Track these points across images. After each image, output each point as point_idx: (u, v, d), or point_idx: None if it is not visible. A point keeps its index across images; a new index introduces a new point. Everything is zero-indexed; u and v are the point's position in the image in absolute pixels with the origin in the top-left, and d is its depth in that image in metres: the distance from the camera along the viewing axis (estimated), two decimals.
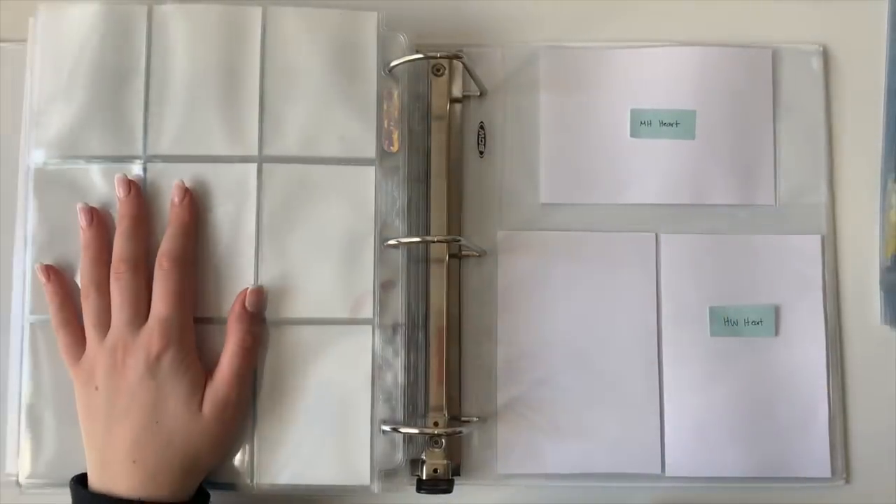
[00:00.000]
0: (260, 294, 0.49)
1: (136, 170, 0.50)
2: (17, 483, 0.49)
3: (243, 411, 0.48)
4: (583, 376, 0.53)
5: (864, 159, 0.55)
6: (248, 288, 0.49)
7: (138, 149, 0.50)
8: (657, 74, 0.55)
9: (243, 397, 0.48)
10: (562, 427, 0.53)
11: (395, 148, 0.52)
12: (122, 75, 0.50)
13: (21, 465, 0.49)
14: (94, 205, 0.49)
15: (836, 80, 0.56)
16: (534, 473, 0.53)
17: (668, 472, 0.52)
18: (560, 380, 0.53)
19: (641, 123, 0.54)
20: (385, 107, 0.52)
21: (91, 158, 0.50)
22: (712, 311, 0.53)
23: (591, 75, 0.55)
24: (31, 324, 0.49)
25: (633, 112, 0.55)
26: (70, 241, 0.49)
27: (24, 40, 0.51)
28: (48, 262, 0.49)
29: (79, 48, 0.50)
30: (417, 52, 0.52)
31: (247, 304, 0.48)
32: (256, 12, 0.51)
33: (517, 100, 0.55)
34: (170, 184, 0.50)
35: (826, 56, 0.56)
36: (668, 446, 0.52)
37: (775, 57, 0.55)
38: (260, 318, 0.49)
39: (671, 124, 0.54)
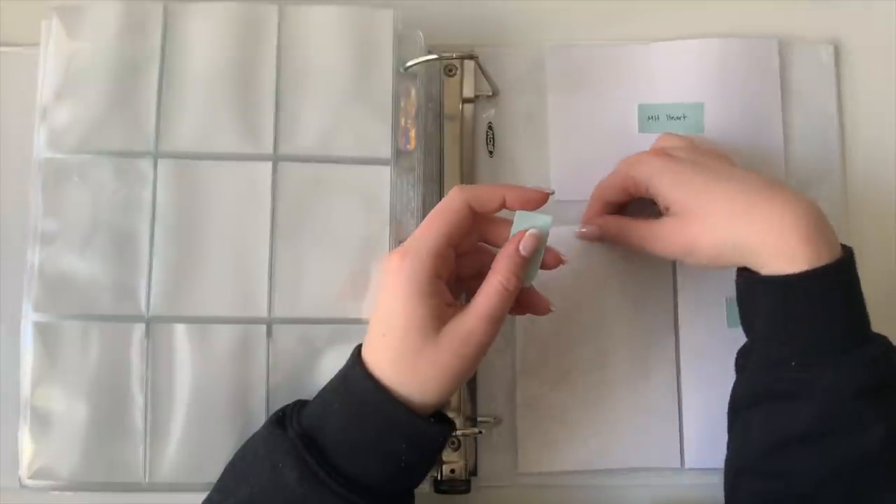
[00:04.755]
0: (537, 241, 0.45)
1: (146, 165, 0.49)
2: (20, 483, 0.48)
3: (484, 353, 0.45)
4: (600, 371, 0.53)
5: (876, 150, 0.56)
6: (527, 230, 0.45)
7: (150, 145, 0.50)
8: (663, 69, 0.56)
9: (488, 339, 0.44)
10: (581, 423, 0.52)
11: (411, 146, 0.52)
12: (136, 71, 0.50)
13: (24, 465, 0.48)
14: (101, 199, 0.49)
15: (845, 70, 0.57)
16: (554, 471, 0.52)
17: (688, 464, 0.52)
18: (578, 376, 0.53)
19: (649, 118, 0.55)
20: (402, 104, 0.52)
21: (101, 153, 0.50)
22: (730, 302, 0.53)
23: (598, 73, 0.56)
24: (35, 322, 0.48)
25: (640, 107, 0.55)
26: (78, 236, 0.48)
27: (37, 44, 0.51)
28: (53, 256, 0.48)
29: (93, 44, 0.50)
30: (429, 52, 0.53)
31: (521, 247, 0.45)
32: (272, 10, 0.51)
33: (526, 99, 0.56)
34: (181, 180, 0.49)
35: (836, 47, 0.57)
36: (687, 439, 0.52)
37: (783, 48, 0.56)
38: (526, 265, 0.45)
39: (679, 118, 0.55)
